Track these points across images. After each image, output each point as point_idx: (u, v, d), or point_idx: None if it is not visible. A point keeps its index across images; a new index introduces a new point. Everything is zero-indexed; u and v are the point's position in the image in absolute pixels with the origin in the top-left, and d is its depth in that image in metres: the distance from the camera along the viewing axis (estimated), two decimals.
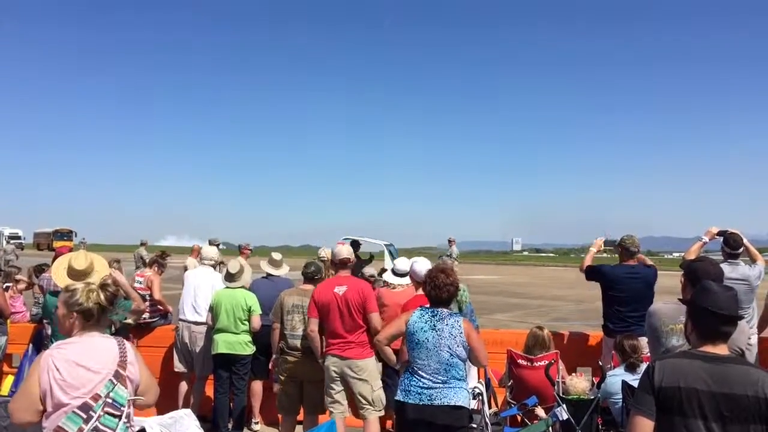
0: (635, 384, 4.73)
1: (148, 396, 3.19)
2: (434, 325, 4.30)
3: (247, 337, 6.52)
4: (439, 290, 4.39)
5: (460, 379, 4.27)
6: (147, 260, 18.94)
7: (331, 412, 5.56)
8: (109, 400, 2.95)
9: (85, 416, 2.90)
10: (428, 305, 4.47)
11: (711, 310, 2.68)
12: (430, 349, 4.25)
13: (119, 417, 2.96)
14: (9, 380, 7.16)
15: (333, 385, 5.51)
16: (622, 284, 6.25)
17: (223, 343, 6.43)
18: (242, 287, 6.67)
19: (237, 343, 6.44)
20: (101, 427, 2.91)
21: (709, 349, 2.69)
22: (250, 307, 6.49)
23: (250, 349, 6.54)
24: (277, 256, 7.34)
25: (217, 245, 12.38)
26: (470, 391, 4.36)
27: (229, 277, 6.69)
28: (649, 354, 4.63)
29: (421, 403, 4.22)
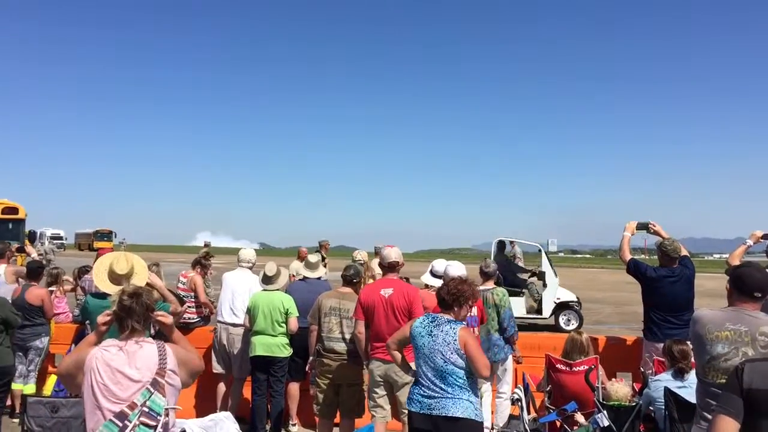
0: (681, 392, 4.64)
1: (182, 372, 3.17)
2: (431, 330, 4.28)
3: (285, 340, 6.55)
4: (448, 294, 4.38)
5: (460, 388, 4.18)
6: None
7: (373, 416, 5.54)
8: (146, 409, 2.94)
9: (120, 425, 2.91)
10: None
11: None
12: (426, 355, 4.24)
13: (155, 427, 2.95)
14: (53, 379, 7.30)
15: (377, 390, 5.51)
16: (664, 287, 6.13)
17: (261, 346, 6.47)
18: (279, 289, 6.70)
19: (274, 345, 6.48)
20: None
21: None
22: (288, 309, 6.51)
23: (287, 351, 6.57)
24: (313, 258, 7.37)
25: (322, 247, 13.85)
26: (475, 402, 4.23)
27: (266, 280, 6.73)
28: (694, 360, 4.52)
29: (421, 412, 4.20)
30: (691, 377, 4.68)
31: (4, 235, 17.25)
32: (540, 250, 15.55)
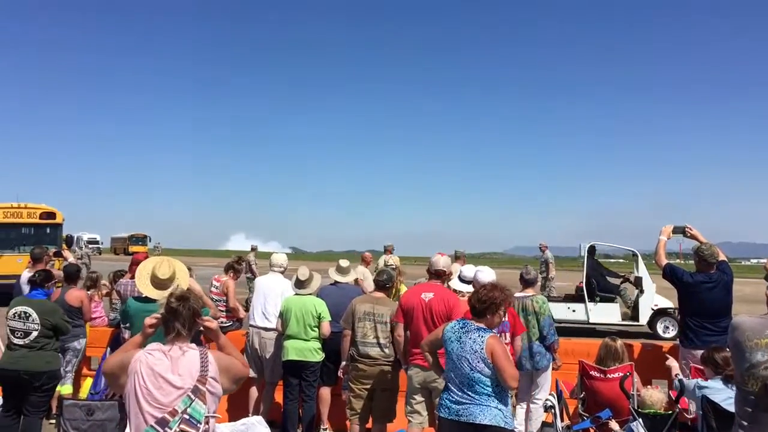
0: (724, 402, 4.49)
1: (223, 379, 3.16)
2: (460, 336, 4.21)
3: (317, 344, 6.55)
4: (479, 302, 4.29)
5: (488, 395, 4.09)
6: (254, 266, 19.19)
7: (409, 421, 5.51)
8: (186, 416, 2.94)
9: (160, 431, 2.91)
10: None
11: None
12: (454, 361, 4.19)
13: None
14: (88, 382, 7.43)
15: (415, 396, 5.48)
16: (701, 293, 6.01)
17: (293, 350, 6.49)
18: (311, 294, 6.73)
19: (307, 349, 6.49)
20: None
21: None
22: (320, 314, 6.52)
23: (319, 356, 6.58)
24: (344, 263, 7.37)
25: (390, 250, 14.19)
26: (504, 410, 4.12)
27: (299, 284, 6.75)
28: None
29: (449, 418, 4.15)
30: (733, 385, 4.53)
31: (42, 240, 17.61)
32: (635, 255, 15.08)
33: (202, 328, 3.41)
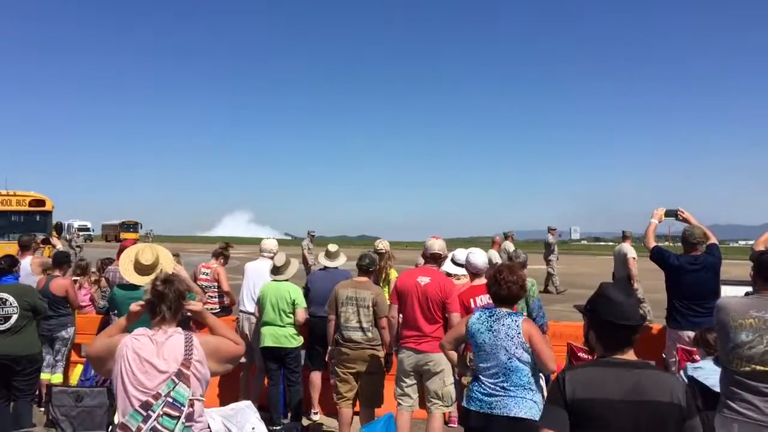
0: (706, 381, 4.52)
1: (211, 363, 3.18)
2: (491, 325, 4.02)
3: (293, 330, 6.53)
4: (498, 287, 4.12)
5: (524, 387, 3.92)
6: (309, 252, 19.01)
7: (399, 404, 5.52)
8: (170, 399, 2.97)
9: (144, 414, 2.95)
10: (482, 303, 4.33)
11: (617, 323, 2.57)
12: (488, 351, 3.99)
13: (178, 418, 2.97)
14: (78, 369, 7.41)
15: (405, 379, 5.49)
16: (686, 275, 6.04)
17: (270, 337, 6.47)
18: (288, 280, 6.69)
19: (282, 336, 6.47)
20: (159, 427, 2.94)
21: (619, 355, 2.58)
22: (294, 300, 6.49)
23: (296, 342, 6.55)
24: (332, 247, 7.34)
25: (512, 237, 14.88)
26: (539, 402, 3.95)
27: (275, 270, 6.72)
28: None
29: (481, 411, 3.97)
30: None
31: (32, 228, 17.50)
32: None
33: (189, 314, 3.43)
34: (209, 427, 3.28)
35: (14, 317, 5.66)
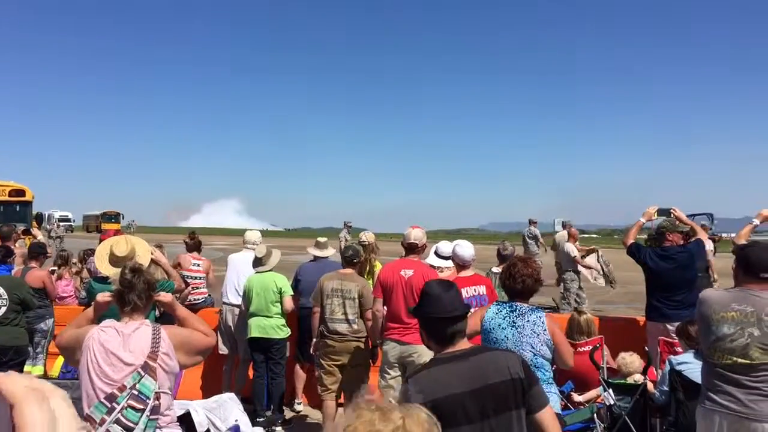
0: (693, 374, 4.54)
1: (180, 355, 3.14)
2: (513, 321, 3.85)
3: (281, 321, 6.50)
4: (513, 281, 3.93)
5: (547, 382, 3.79)
6: (345, 243, 19.06)
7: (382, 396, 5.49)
8: (135, 392, 2.93)
9: (108, 406, 2.91)
10: (503, 300, 4.18)
11: (440, 317, 2.61)
12: (510, 348, 3.75)
13: (143, 411, 2.93)
14: (60, 361, 7.35)
15: (389, 370, 5.49)
16: (658, 268, 6.13)
17: (256, 328, 6.44)
18: (271, 270, 6.64)
19: (269, 326, 6.43)
20: (123, 420, 2.91)
21: (452, 348, 2.62)
22: (281, 288, 6.46)
23: (283, 333, 6.53)
24: (322, 239, 7.35)
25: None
26: (558, 395, 3.90)
27: (257, 262, 6.68)
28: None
29: None
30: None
31: (11, 218, 17.27)
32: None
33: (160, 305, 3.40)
34: (178, 422, 3.25)
35: (2, 309, 5.71)
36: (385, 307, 5.61)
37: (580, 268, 12.78)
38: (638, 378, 5.30)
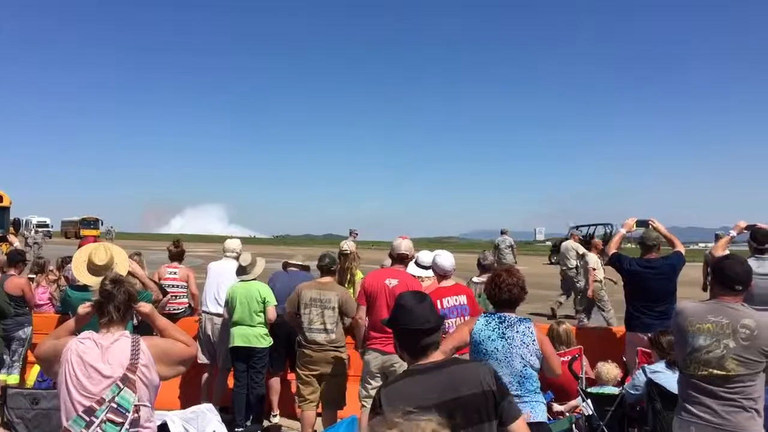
0: (665, 383, 4.59)
1: (161, 366, 3.10)
2: (503, 332, 3.84)
3: (263, 330, 6.48)
4: (500, 291, 3.95)
5: (535, 392, 3.85)
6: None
7: (363, 406, 5.47)
8: (114, 405, 2.88)
9: (87, 420, 2.86)
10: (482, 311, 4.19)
11: (413, 329, 2.62)
12: (500, 359, 3.78)
13: (122, 425, 2.88)
14: (35, 370, 7.24)
15: (371, 380, 5.47)
16: (640, 279, 6.17)
17: (240, 336, 6.41)
18: (255, 279, 6.63)
19: (253, 335, 6.41)
20: None
21: (424, 360, 2.63)
22: (264, 298, 6.44)
23: (266, 342, 6.50)
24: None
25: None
26: (545, 404, 3.95)
27: (242, 270, 6.65)
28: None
29: None
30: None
31: None
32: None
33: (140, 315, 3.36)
34: None
35: None
36: (367, 318, 5.60)
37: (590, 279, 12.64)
38: (614, 389, 5.35)
